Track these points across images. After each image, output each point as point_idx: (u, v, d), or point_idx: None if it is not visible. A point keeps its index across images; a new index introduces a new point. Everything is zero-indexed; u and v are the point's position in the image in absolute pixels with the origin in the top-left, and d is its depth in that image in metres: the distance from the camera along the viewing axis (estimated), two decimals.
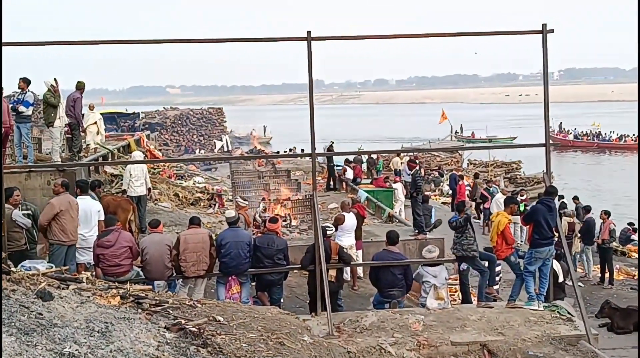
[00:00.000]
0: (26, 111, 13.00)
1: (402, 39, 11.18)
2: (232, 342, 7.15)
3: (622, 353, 10.94)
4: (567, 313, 9.27)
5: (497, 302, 10.46)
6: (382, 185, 23.78)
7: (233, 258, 9.91)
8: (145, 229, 13.16)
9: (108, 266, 9.34)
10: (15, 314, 5.80)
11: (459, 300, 11.90)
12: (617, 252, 18.78)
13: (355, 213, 13.87)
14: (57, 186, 10.14)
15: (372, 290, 11.08)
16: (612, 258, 16.66)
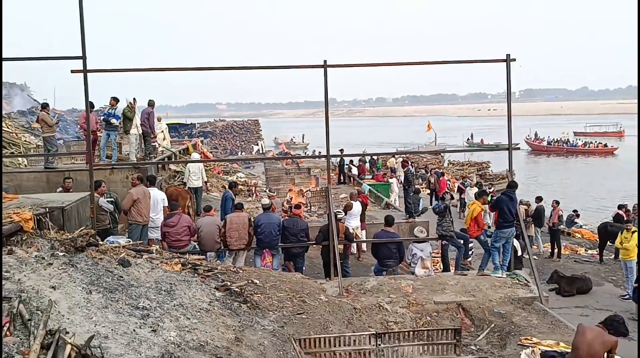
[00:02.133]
0: (116, 122, 13.21)
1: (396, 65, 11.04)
2: (266, 299, 7.22)
3: (567, 311, 10.87)
4: (524, 280, 9.25)
5: (470, 271, 10.42)
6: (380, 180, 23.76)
7: (266, 236, 9.93)
8: (200, 213, 13.25)
9: (172, 241, 9.39)
10: (102, 277, 5.90)
11: (440, 269, 11.87)
12: (564, 233, 18.66)
13: (360, 201, 13.87)
14: (134, 179, 10.22)
15: (373, 261, 11.08)
16: (559, 237, 16.59)
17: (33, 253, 5.74)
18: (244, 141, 54.73)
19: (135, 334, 4.96)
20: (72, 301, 5.06)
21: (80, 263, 5.97)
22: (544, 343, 6.99)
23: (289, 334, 6.45)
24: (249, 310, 6.71)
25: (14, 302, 4.53)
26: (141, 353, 4.70)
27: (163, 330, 5.26)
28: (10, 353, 4.03)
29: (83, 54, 8.42)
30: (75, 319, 4.78)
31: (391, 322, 7.79)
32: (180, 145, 25.28)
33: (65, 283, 5.33)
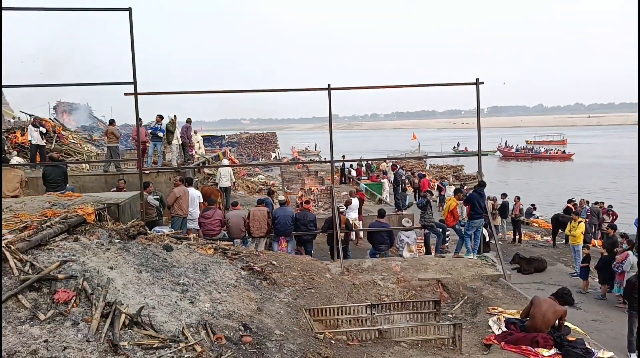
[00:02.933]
0: (161, 134, 13.25)
1: (387, 88, 10.93)
2: (282, 277, 7.20)
3: (526, 286, 10.78)
4: (491, 261, 9.17)
5: (447, 254, 10.37)
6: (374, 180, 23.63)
7: (282, 226, 9.90)
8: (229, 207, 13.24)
9: (206, 230, 9.40)
10: (150, 259, 5.90)
11: (423, 252, 11.82)
12: (524, 223, 18.53)
13: (358, 198, 13.83)
14: (176, 180, 10.24)
15: (368, 246, 11.04)
16: (520, 226, 16.49)
17: (94, 240, 5.74)
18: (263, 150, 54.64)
19: (177, 305, 4.96)
20: (126, 279, 5.06)
21: (132, 248, 5.98)
22: (508, 312, 6.93)
23: (301, 305, 6.43)
24: (268, 286, 6.69)
25: (79, 280, 4.55)
26: (181, 320, 4.70)
27: (199, 302, 5.26)
28: (77, 320, 4.05)
29: (134, 79, 8.44)
30: (128, 293, 4.79)
31: (383, 295, 7.75)
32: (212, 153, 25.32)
33: (120, 264, 5.34)
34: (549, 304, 6.03)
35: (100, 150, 20.16)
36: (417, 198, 21.24)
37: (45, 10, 9.02)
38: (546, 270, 12.66)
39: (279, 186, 24.95)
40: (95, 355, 3.73)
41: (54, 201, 6.94)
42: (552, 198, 30.12)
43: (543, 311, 5.97)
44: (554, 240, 15.76)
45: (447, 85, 10.36)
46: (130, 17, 8.20)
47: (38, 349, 3.57)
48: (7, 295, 4.00)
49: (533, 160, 57.81)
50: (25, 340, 3.64)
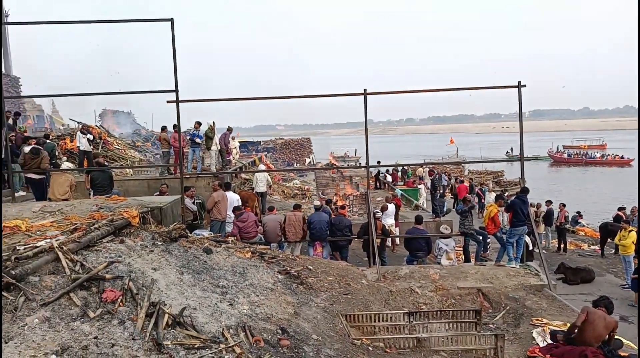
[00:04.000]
0: (199, 141, 13.64)
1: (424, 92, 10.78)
2: (318, 282, 7.25)
3: (572, 297, 10.40)
4: (535, 270, 8.92)
5: (488, 262, 10.16)
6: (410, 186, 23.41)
7: (318, 231, 9.98)
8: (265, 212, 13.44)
9: (244, 234, 9.59)
10: (191, 261, 6.07)
11: (462, 260, 11.61)
12: (569, 231, 17.89)
13: (394, 203, 13.75)
14: (215, 185, 10.51)
15: (405, 253, 10.95)
16: (566, 235, 15.93)
17: (139, 242, 5.96)
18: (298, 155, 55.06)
19: (217, 307, 5.09)
20: (169, 280, 5.24)
21: (174, 251, 6.18)
22: (553, 324, 6.72)
23: (337, 310, 6.46)
24: (305, 290, 6.75)
25: (125, 280, 4.75)
26: (221, 322, 4.82)
27: (238, 304, 5.38)
28: (123, 319, 4.23)
29: (176, 88, 8.72)
30: (171, 294, 4.95)
31: (421, 303, 7.67)
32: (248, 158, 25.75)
33: (163, 266, 5.53)
34: (600, 316, 5.79)
35: (143, 156, 20.89)
36: (455, 204, 20.89)
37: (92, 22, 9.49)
38: (594, 281, 12.15)
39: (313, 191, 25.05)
40: (140, 353, 3.89)
41: (101, 204, 7.26)
42: (602, 205, 28.87)
43: (594, 323, 5.74)
44: (602, 250, 15.11)
45: (488, 88, 10.17)
46: (172, 27, 8.50)
47: (89, 345, 3.76)
48: (60, 293, 4.23)
49: (587, 166, 55.25)
50: (76, 336, 3.84)
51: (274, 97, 10.65)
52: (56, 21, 9.27)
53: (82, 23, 9.47)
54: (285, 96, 10.44)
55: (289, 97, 10.64)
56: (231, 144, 16.59)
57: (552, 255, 14.84)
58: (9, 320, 3.82)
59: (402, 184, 25.10)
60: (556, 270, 12.41)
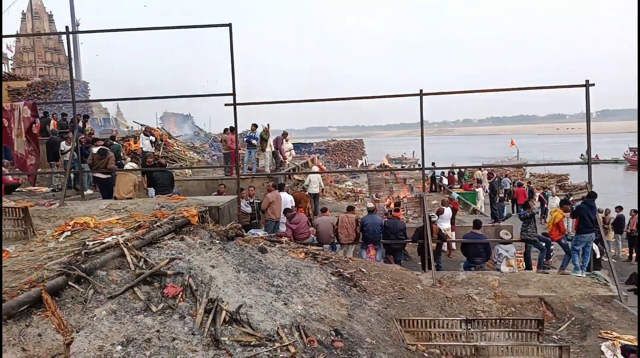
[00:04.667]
0: (255, 143, 13.96)
1: (483, 92, 10.41)
2: (372, 285, 7.18)
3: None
4: (603, 280, 8.37)
5: (551, 270, 9.65)
6: (468, 189, 22.71)
7: (371, 233, 9.91)
8: (318, 213, 13.51)
9: (297, 234, 9.68)
10: (247, 260, 6.20)
11: (523, 267, 11.11)
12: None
13: (451, 207, 13.39)
14: (269, 186, 10.70)
15: (462, 258, 10.64)
16: (637, 243, 14.85)
17: (198, 240, 6.17)
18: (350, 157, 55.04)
19: (272, 306, 5.17)
20: (226, 277, 5.38)
21: (231, 249, 6.34)
22: (625, 338, 6.28)
23: (392, 314, 6.37)
24: (358, 293, 6.71)
25: (185, 276, 4.93)
26: (276, 321, 4.89)
27: (292, 304, 5.43)
28: (183, 314, 4.39)
29: (233, 91, 8.97)
30: (228, 291, 5.08)
31: (479, 310, 7.41)
32: (301, 160, 26.01)
33: (221, 264, 5.69)
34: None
35: (201, 157, 21.64)
36: (515, 209, 20.05)
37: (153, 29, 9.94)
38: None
39: (366, 194, 24.91)
40: (199, 348, 4.01)
41: (163, 203, 7.58)
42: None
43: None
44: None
45: (553, 88, 9.69)
46: (230, 32, 8.75)
47: (151, 338, 3.92)
48: (125, 287, 4.46)
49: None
50: (140, 328, 4.02)
51: (327, 99, 10.70)
52: (118, 29, 9.79)
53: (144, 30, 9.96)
54: (338, 98, 10.43)
55: (342, 99, 10.64)
56: (285, 147, 16.84)
57: (622, 264, 13.89)
58: (79, 311, 4.05)
59: (459, 187, 24.43)
60: (627, 281, 11.57)
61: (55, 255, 4.92)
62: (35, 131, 9.15)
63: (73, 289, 4.19)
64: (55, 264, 4.48)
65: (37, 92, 29.82)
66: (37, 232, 6.04)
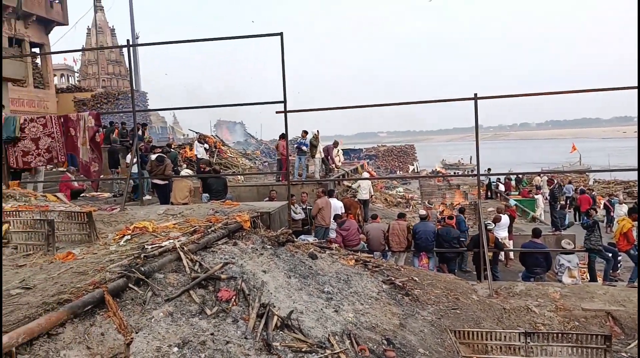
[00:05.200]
0: (305, 149, 14.13)
1: (542, 95, 9.91)
2: (425, 294, 7.03)
3: None
4: None
5: (619, 283, 9.05)
6: (526, 196, 21.83)
7: (423, 241, 9.74)
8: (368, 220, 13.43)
9: (347, 241, 9.67)
10: (298, 266, 6.24)
11: (587, 279, 10.51)
12: None
13: (508, 214, 12.92)
14: (319, 192, 10.77)
15: (520, 268, 10.21)
16: None
17: (250, 245, 6.29)
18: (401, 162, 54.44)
19: (322, 312, 5.17)
20: (277, 283, 5.45)
21: (281, 255, 6.42)
22: None
23: (446, 325, 6.20)
24: (410, 302, 6.59)
25: (238, 281, 5.03)
26: (327, 328, 4.88)
27: (343, 311, 5.41)
28: (236, 318, 4.48)
29: (284, 99, 9.09)
30: (279, 297, 5.14)
31: (539, 323, 7.06)
32: (351, 166, 26.00)
33: (272, 269, 5.77)
34: None
35: (253, 163, 22.14)
36: (577, 217, 19.02)
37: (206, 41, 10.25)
38: None
39: (417, 200, 24.51)
40: (252, 352, 4.08)
41: (217, 208, 7.80)
42: None
43: None
44: None
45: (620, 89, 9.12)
46: (281, 41, 8.90)
47: (206, 341, 4.03)
48: (182, 290, 4.61)
49: None
50: (195, 331, 4.14)
51: (377, 105, 10.62)
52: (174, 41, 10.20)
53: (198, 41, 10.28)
54: (389, 104, 10.33)
55: (393, 104, 10.53)
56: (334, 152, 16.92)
57: None
58: (138, 312, 4.23)
59: (517, 194, 23.51)
60: None
61: (116, 257, 5.17)
62: (99, 139, 9.70)
63: (133, 291, 4.38)
64: (117, 266, 4.70)
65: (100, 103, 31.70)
66: (100, 236, 6.38)
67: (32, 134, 9.46)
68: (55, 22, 29.10)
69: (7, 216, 5.99)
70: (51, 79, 30.93)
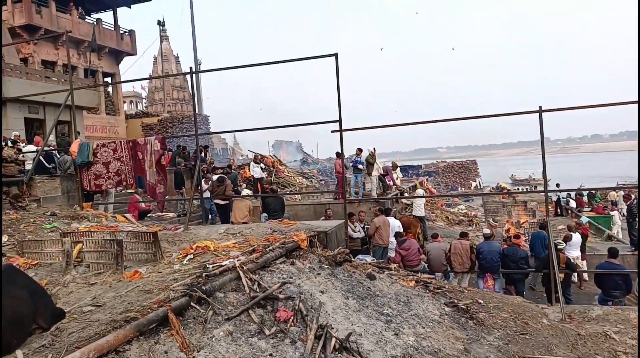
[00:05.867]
0: (361, 167, 14.12)
1: (615, 105, 9.30)
2: (490, 318, 6.70)
3: None
4: None
5: None
6: (601, 212, 20.40)
7: (488, 261, 9.34)
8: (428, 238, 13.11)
9: (406, 261, 9.47)
10: (355, 286, 6.17)
11: None
12: None
13: (580, 232, 12.13)
14: (376, 211, 10.67)
15: (595, 290, 9.51)
16: None
17: (307, 264, 6.32)
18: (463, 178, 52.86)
19: (382, 335, 5.06)
20: (335, 304, 5.41)
21: (339, 275, 6.38)
22: None
23: (514, 351, 5.85)
24: (475, 326, 6.30)
25: (296, 301, 5.05)
26: (387, 351, 4.77)
27: (403, 335, 5.27)
28: (294, 339, 4.48)
29: (339, 118, 9.16)
30: (337, 318, 5.10)
31: (620, 352, 6.49)
32: (409, 183, 25.59)
33: (330, 289, 5.74)
34: None
35: (309, 182, 22.39)
36: None
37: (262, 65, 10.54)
38: None
39: (481, 218, 23.62)
40: None
41: (275, 227, 7.93)
42: None
43: None
44: None
45: None
46: (336, 61, 9.02)
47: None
48: (241, 309, 4.69)
49: None
50: (254, 351, 4.19)
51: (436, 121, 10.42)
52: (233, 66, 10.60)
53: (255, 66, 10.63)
54: (449, 119, 10.09)
55: (453, 119, 10.29)
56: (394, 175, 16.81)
57: None
58: (200, 331, 4.35)
59: (590, 211, 22.05)
60: None
61: (179, 276, 5.37)
62: (164, 162, 10.22)
63: (195, 309, 4.51)
64: (180, 285, 4.88)
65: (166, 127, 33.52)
66: (164, 255, 6.67)
67: (103, 158, 10.14)
68: (125, 52, 31.38)
69: (80, 236, 6.41)
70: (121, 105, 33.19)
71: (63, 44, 24.98)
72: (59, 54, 26.16)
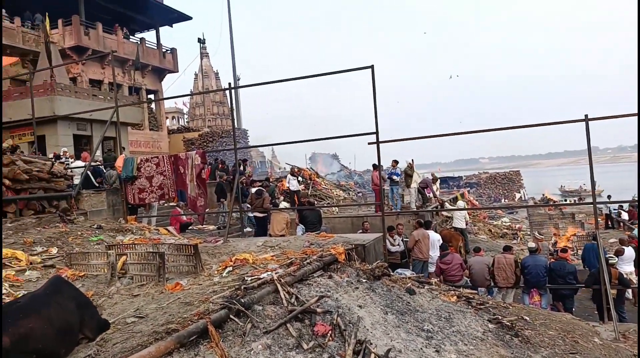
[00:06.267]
0: (397, 179, 13.98)
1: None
2: (537, 335, 6.44)
3: None
4: None
5: None
6: None
7: (534, 276, 9.00)
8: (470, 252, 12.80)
9: (447, 276, 9.26)
10: (395, 301, 6.08)
11: None
12: None
13: (633, 246, 11.50)
14: (415, 224, 10.52)
15: None
16: None
17: (345, 278, 6.28)
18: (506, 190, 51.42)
19: (422, 352, 4.95)
20: (374, 318, 5.34)
21: (377, 289, 6.31)
22: None
23: None
24: (521, 344, 6.06)
25: (334, 315, 5.02)
26: None
27: (445, 352, 5.14)
28: (332, 354, 4.45)
29: (376, 130, 9.14)
30: (376, 333, 5.03)
31: None
32: (450, 195, 25.12)
33: (368, 304, 5.68)
34: None
35: (347, 194, 22.36)
36: None
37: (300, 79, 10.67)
38: None
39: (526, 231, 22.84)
40: None
41: (312, 240, 7.95)
42: None
43: None
44: None
45: None
46: (372, 73, 9.04)
47: None
48: (279, 322, 4.71)
49: None
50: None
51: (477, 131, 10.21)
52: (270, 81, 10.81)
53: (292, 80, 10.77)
54: (491, 129, 9.84)
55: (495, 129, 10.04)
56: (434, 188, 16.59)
57: None
58: (239, 344, 4.40)
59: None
60: None
61: (219, 288, 5.46)
62: (204, 176, 10.48)
63: (233, 322, 4.57)
64: (219, 298, 4.96)
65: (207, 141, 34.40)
66: (204, 267, 6.80)
67: (146, 173, 10.51)
68: (167, 70, 32.60)
69: (125, 249, 6.64)
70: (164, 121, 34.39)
71: (109, 63, 26.23)
72: (105, 73, 27.46)
